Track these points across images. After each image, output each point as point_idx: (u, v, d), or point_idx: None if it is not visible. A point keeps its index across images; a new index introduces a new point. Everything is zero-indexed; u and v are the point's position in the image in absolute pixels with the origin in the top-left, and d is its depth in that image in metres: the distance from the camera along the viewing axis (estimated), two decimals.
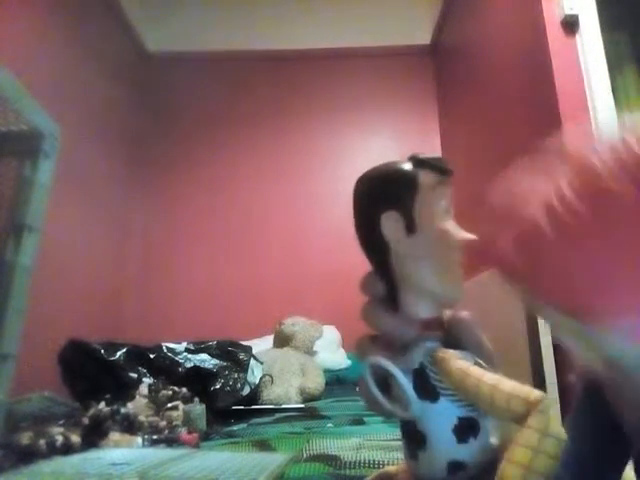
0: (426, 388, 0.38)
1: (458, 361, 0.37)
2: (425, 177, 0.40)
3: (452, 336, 0.40)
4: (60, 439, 0.85)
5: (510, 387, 0.34)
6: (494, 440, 0.38)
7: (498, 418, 0.37)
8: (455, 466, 0.37)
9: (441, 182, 0.40)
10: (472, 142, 2.22)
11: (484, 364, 0.38)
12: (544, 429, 0.32)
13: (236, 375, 1.41)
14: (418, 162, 0.41)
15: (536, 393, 0.33)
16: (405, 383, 0.37)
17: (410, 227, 0.39)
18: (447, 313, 0.41)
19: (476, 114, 2.14)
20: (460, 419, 0.37)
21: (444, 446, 0.37)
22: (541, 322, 1.34)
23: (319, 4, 2.62)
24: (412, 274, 0.40)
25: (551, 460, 0.31)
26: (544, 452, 0.31)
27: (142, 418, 1.01)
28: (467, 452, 0.37)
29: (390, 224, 0.39)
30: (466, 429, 0.37)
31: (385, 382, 0.39)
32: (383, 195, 0.40)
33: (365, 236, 0.42)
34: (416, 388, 0.38)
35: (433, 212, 0.40)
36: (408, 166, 0.41)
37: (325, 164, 2.67)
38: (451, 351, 0.38)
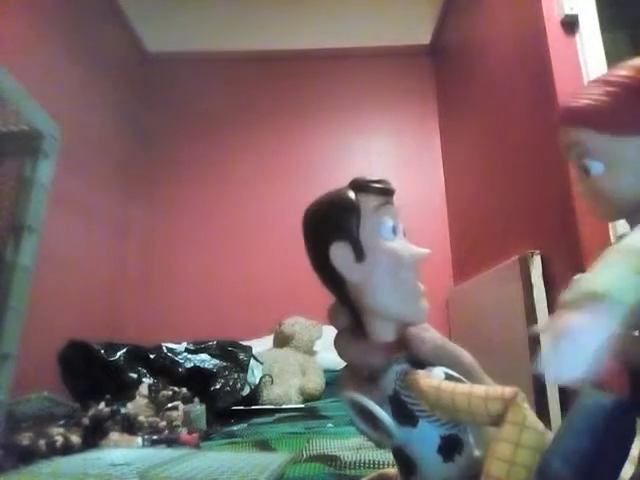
0: (404, 414, 0.38)
1: (428, 380, 0.36)
2: (366, 201, 0.40)
3: (416, 353, 0.39)
4: (60, 439, 0.85)
5: (483, 391, 0.34)
6: (478, 453, 0.38)
7: (480, 425, 0.37)
8: None
9: (384, 203, 0.40)
10: (472, 142, 2.22)
11: (455, 374, 0.37)
12: (522, 422, 0.32)
13: (236, 375, 1.41)
14: (358, 187, 0.41)
15: (509, 389, 0.33)
16: (382, 415, 0.37)
17: (359, 254, 0.39)
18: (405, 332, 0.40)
19: (476, 114, 2.14)
20: (442, 438, 0.37)
21: (432, 468, 0.38)
22: (541, 322, 1.34)
23: (319, 4, 2.62)
24: (370, 300, 0.39)
25: (533, 452, 0.32)
26: (525, 445, 0.31)
27: (142, 418, 1.01)
28: (455, 470, 0.37)
29: (339, 255, 0.39)
30: (450, 447, 0.37)
31: (369, 411, 0.38)
32: (328, 227, 0.40)
33: (320, 269, 0.42)
34: (394, 415, 0.38)
35: (379, 235, 0.40)
36: (349, 193, 0.41)
37: (325, 164, 2.67)
38: (420, 371, 0.38)
